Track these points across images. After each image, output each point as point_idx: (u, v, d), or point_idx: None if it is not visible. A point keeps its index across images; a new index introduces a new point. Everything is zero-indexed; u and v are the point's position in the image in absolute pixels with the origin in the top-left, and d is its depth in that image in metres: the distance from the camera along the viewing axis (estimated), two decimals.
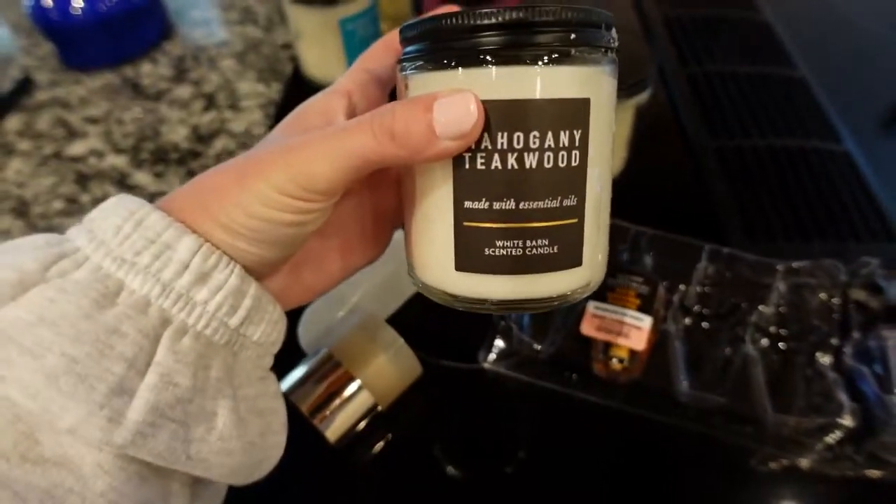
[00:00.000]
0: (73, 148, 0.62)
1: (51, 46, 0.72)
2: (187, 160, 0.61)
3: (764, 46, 0.73)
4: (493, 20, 0.20)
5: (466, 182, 0.22)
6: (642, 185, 0.58)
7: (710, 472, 0.40)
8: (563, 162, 0.21)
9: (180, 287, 0.22)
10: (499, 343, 0.44)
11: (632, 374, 0.42)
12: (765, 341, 0.44)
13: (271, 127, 0.62)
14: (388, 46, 0.28)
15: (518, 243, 0.22)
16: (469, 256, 0.22)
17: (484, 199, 0.22)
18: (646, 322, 0.42)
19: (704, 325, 0.45)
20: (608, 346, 0.42)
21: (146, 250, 0.21)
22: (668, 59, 0.71)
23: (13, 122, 0.65)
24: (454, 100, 0.21)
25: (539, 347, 0.43)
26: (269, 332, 0.25)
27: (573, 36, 0.21)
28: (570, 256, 0.23)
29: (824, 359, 0.42)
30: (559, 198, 0.22)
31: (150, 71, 0.71)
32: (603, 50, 0.22)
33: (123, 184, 0.58)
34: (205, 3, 0.82)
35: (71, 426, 0.19)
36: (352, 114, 0.26)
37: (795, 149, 0.60)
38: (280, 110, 0.66)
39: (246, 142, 0.62)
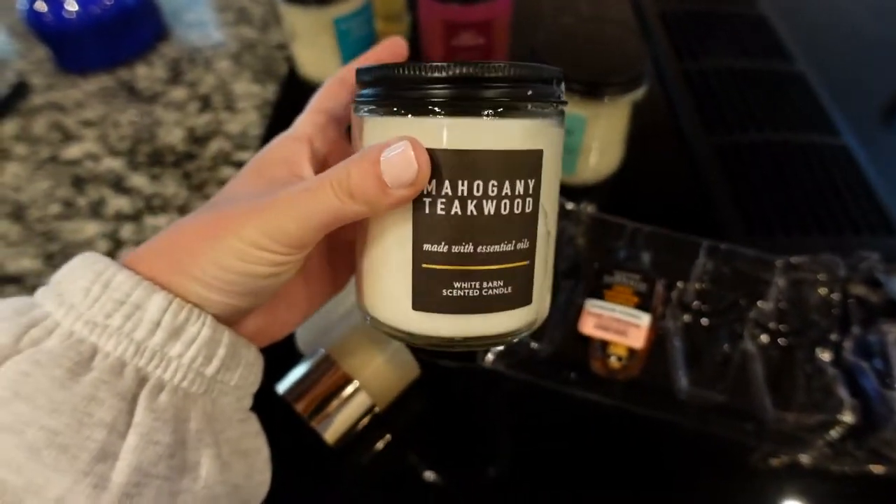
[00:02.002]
0: (69, 151, 0.62)
1: (46, 50, 0.71)
2: (183, 162, 0.60)
3: (760, 41, 0.72)
4: (453, 73, 0.21)
5: (426, 226, 0.22)
6: (639, 182, 0.58)
7: (710, 470, 0.40)
8: (517, 209, 0.23)
9: (154, 345, 0.22)
10: None
11: (630, 373, 0.41)
12: (764, 337, 0.43)
13: (268, 127, 0.63)
14: (342, 83, 0.28)
15: (475, 284, 0.23)
16: (426, 296, 0.23)
17: (443, 243, 0.22)
18: (644, 320, 0.42)
19: (703, 321, 0.45)
20: (606, 344, 0.42)
21: (116, 312, 0.22)
22: (664, 54, 0.70)
23: (9, 126, 0.65)
24: (397, 152, 0.21)
25: (537, 346, 0.43)
26: (246, 376, 0.26)
27: (529, 92, 0.22)
28: (521, 296, 0.24)
29: (824, 354, 0.42)
30: (514, 242, 0.23)
31: (146, 73, 0.71)
32: (554, 104, 0.23)
33: (120, 186, 0.58)
34: (200, 4, 0.82)
35: (57, 497, 0.20)
36: (315, 160, 0.27)
37: (793, 143, 0.60)
38: (276, 111, 0.65)
39: (242, 143, 0.62)
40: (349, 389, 0.38)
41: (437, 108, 0.22)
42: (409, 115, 0.22)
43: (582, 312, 0.43)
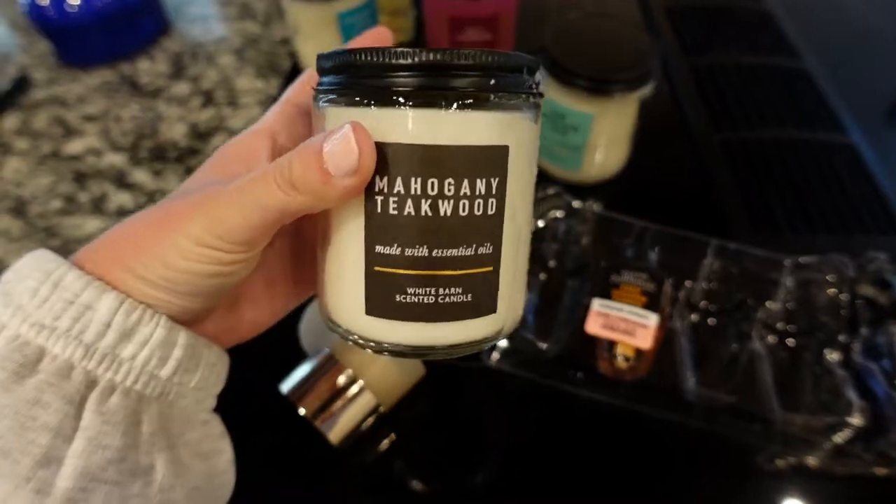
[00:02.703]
0: (70, 146, 0.62)
1: (48, 44, 0.71)
2: (186, 158, 0.60)
3: (767, 37, 0.72)
4: (410, 60, 0.20)
5: (378, 226, 0.21)
6: (646, 180, 0.58)
7: (717, 471, 0.40)
8: (478, 210, 0.21)
9: (104, 347, 0.21)
10: (503, 342, 0.44)
11: (638, 373, 0.41)
12: (772, 338, 0.43)
13: None
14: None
15: (430, 291, 0.21)
16: (379, 302, 0.22)
17: (396, 245, 0.21)
18: (652, 320, 0.41)
19: (711, 321, 0.44)
20: (614, 344, 0.41)
21: (65, 313, 0.21)
22: (671, 51, 0.70)
23: (10, 120, 0.64)
24: (337, 136, 0.19)
25: (544, 346, 0.42)
26: (206, 377, 0.25)
27: (492, 81, 0.20)
28: (484, 305, 0.22)
29: (832, 355, 0.42)
30: (474, 246, 0.21)
31: (148, 68, 0.70)
32: (524, 96, 0.21)
33: (122, 182, 0.58)
34: None
35: None
36: (276, 155, 0.25)
37: (800, 141, 0.60)
38: None
39: None
40: (354, 389, 0.38)
41: (393, 98, 0.20)
42: (367, 105, 0.20)
43: (589, 312, 0.42)
